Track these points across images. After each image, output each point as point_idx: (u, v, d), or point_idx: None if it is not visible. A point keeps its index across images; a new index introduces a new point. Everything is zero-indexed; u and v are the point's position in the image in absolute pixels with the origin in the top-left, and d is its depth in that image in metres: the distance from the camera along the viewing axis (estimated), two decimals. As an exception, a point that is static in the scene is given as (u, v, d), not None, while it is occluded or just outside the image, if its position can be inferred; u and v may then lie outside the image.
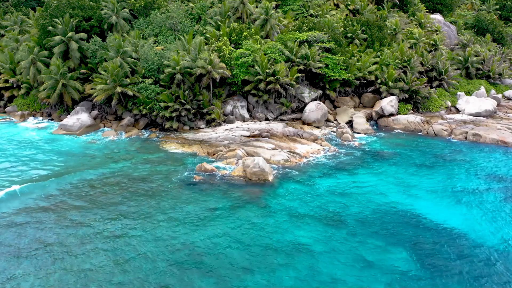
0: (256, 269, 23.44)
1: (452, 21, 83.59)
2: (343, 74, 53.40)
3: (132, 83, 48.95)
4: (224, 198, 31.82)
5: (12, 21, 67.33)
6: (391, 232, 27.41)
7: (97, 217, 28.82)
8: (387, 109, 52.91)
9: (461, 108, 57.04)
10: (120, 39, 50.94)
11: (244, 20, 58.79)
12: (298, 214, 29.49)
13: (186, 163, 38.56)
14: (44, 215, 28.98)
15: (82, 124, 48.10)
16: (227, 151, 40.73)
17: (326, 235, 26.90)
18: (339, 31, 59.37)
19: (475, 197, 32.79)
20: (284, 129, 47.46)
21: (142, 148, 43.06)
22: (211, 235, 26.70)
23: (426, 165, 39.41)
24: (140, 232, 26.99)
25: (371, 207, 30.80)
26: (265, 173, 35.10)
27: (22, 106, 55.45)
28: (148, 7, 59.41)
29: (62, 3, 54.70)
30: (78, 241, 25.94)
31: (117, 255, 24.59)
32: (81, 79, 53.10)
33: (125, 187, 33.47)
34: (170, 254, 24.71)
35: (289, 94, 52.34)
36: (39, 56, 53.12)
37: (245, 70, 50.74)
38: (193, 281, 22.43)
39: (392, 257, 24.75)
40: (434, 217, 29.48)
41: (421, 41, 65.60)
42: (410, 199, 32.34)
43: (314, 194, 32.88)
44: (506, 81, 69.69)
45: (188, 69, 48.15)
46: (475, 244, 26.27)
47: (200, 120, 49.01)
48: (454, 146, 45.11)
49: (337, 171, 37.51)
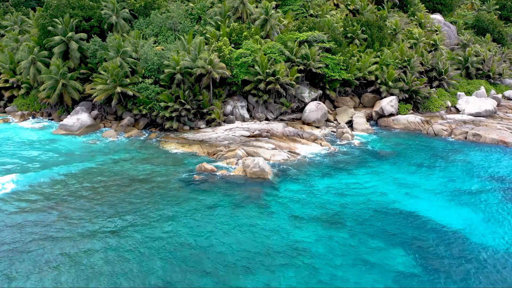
0: (256, 269, 23.44)
1: (452, 21, 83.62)
2: (343, 74, 53.41)
3: (132, 83, 48.96)
4: (224, 198, 31.83)
5: (12, 21, 67.35)
6: (391, 233, 27.41)
7: (96, 217, 28.82)
8: (387, 109, 52.93)
9: (461, 108, 57.06)
10: (120, 39, 50.95)
11: (244, 20, 58.81)
12: (298, 214, 29.49)
13: (186, 163, 38.57)
14: (43, 214, 28.96)
15: (82, 124, 48.10)
16: (227, 151, 40.73)
17: (326, 235, 26.91)
18: (339, 31, 59.40)
19: (475, 198, 32.78)
20: (284, 129, 47.46)
21: (142, 148, 43.07)
22: (211, 235, 26.72)
23: (426, 165, 39.42)
24: (140, 232, 27.00)
25: (371, 207, 30.80)
26: (265, 173, 35.12)
27: (22, 106, 55.46)
28: (148, 7, 59.43)
29: (62, 3, 54.72)
30: (78, 241, 25.94)
31: (117, 254, 24.59)
32: (81, 79, 53.12)
33: (125, 187, 33.47)
34: (170, 253, 24.72)
35: (289, 94, 52.36)
36: (39, 56, 53.12)
37: (245, 70, 50.75)
38: (192, 281, 22.42)
39: (392, 258, 24.73)
40: (434, 217, 29.48)
41: (421, 41, 65.64)
42: (410, 200, 32.34)
43: (314, 194, 32.88)
44: (506, 81, 69.71)
45: (188, 69, 48.17)
46: (476, 245, 26.26)
47: (200, 120, 49.02)
48: (454, 146, 45.11)
49: (337, 171, 37.52)
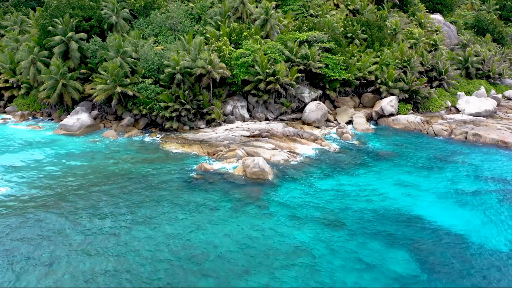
0: (256, 269, 23.45)
1: (452, 21, 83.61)
2: (343, 74, 53.41)
3: (132, 83, 48.96)
4: (224, 198, 31.83)
5: (12, 21, 67.37)
6: (391, 233, 27.41)
7: (96, 217, 28.82)
8: (387, 109, 52.92)
9: (461, 108, 57.04)
10: (120, 39, 50.94)
11: (244, 20, 58.79)
12: (298, 215, 29.49)
13: (186, 163, 38.57)
14: (42, 214, 28.97)
15: (82, 124, 48.10)
16: (227, 151, 40.73)
17: (326, 235, 26.91)
18: (339, 31, 59.40)
19: (475, 198, 32.77)
20: (284, 129, 47.45)
21: (142, 148, 43.07)
22: (211, 235, 26.73)
23: (426, 165, 39.41)
24: (140, 232, 27.00)
25: (371, 207, 30.81)
26: (265, 173, 35.11)
27: (22, 106, 55.48)
28: (148, 7, 59.43)
29: (62, 3, 54.71)
30: (77, 241, 25.95)
31: (117, 255, 24.60)
32: (81, 79, 53.12)
33: (124, 187, 33.46)
34: (170, 254, 24.72)
35: (289, 94, 52.35)
36: (39, 56, 53.11)
37: (245, 70, 50.74)
38: (192, 282, 22.43)
39: (392, 258, 24.73)
40: (434, 218, 29.47)
41: (421, 41, 65.63)
42: (410, 200, 32.32)
43: (314, 194, 32.88)
44: (506, 81, 69.69)
45: (188, 69, 48.16)
46: (476, 245, 26.26)
47: (200, 120, 49.01)
48: (454, 146, 45.10)
49: (337, 171, 37.52)
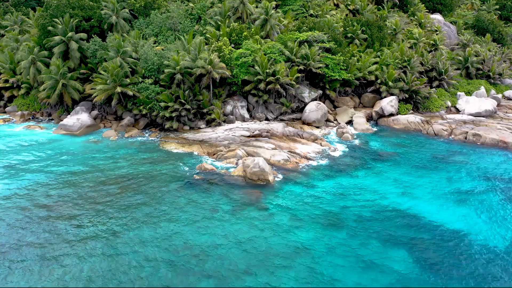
0: (256, 270, 23.44)
1: (452, 21, 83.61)
2: (343, 74, 53.41)
3: (132, 83, 48.96)
4: (224, 198, 31.83)
5: (12, 21, 67.35)
6: (391, 233, 27.40)
7: (96, 217, 28.83)
8: (387, 109, 52.92)
9: (461, 108, 57.04)
10: (120, 39, 50.95)
11: (244, 20, 58.80)
12: (298, 215, 29.48)
13: (186, 163, 38.57)
14: (42, 214, 28.98)
15: (82, 124, 48.10)
16: (227, 151, 40.72)
17: (326, 236, 26.90)
18: (339, 31, 59.40)
19: (475, 198, 32.78)
20: (284, 129, 47.45)
21: (142, 148, 43.06)
22: (211, 235, 26.72)
23: (426, 165, 39.40)
24: (140, 232, 27.00)
25: (371, 207, 30.81)
26: (265, 173, 35.09)
27: (22, 106, 55.47)
28: (148, 7, 59.43)
29: (62, 3, 54.70)
30: (77, 241, 25.95)
31: (117, 255, 24.60)
32: (81, 79, 53.13)
33: (124, 187, 33.46)
34: (170, 254, 24.72)
35: (289, 94, 52.35)
36: (39, 56, 53.11)
37: (245, 70, 50.74)
38: (192, 282, 22.43)
39: (392, 258, 24.73)
40: (434, 218, 29.48)
41: (421, 41, 65.63)
42: (410, 200, 32.32)
43: (314, 194, 32.88)
44: (506, 81, 69.69)
45: (188, 69, 48.16)
46: (476, 245, 26.27)
47: (200, 120, 49.01)
48: (454, 146, 45.10)
49: (336, 171, 37.51)
